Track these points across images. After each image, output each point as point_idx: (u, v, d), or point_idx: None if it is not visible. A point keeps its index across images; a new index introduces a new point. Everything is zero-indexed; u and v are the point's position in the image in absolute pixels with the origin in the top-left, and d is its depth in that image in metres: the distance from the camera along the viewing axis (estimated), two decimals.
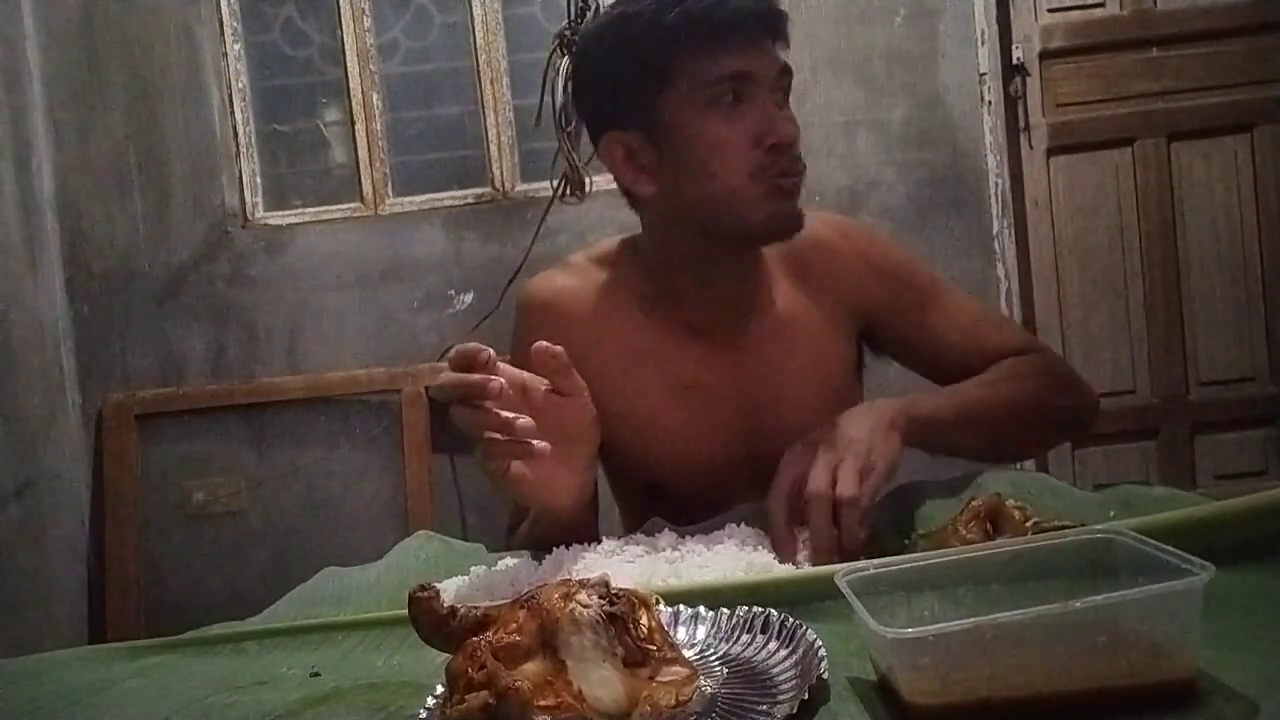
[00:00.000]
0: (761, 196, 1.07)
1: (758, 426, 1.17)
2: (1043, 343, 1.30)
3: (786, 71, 1.09)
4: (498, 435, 0.87)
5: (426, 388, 2.92)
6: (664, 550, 0.94)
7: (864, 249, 1.22)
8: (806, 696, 0.58)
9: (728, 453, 1.17)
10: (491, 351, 0.87)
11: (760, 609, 0.71)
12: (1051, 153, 3.05)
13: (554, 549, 0.97)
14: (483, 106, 3.03)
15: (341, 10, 3.03)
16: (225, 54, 3.01)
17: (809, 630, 0.66)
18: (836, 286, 1.19)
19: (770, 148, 1.06)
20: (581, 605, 0.60)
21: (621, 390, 1.17)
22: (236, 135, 3.02)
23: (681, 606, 0.74)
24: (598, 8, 2.47)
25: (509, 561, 0.97)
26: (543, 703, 0.55)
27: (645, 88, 1.09)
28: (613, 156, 1.13)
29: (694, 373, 1.17)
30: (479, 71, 3.03)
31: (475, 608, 0.63)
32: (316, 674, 0.78)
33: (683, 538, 0.97)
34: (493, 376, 0.86)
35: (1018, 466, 2.91)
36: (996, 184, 2.98)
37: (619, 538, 0.99)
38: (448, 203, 3.02)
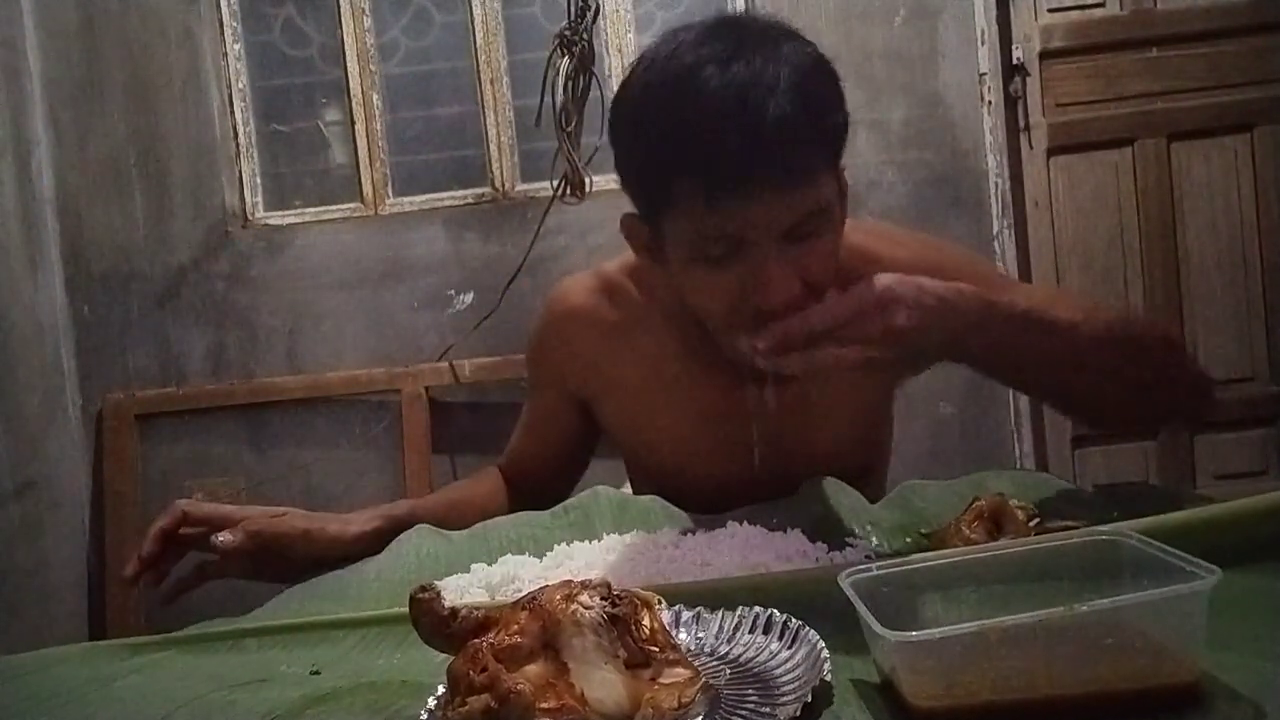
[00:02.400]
0: (740, 343, 0.93)
1: (781, 452, 1.11)
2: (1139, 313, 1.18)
3: (815, 214, 0.92)
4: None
5: (427, 388, 2.92)
6: (665, 549, 0.94)
7: (914, 252, 1.11)
8: (810, 698, 0.58)
9: (748, 474, 1.14)
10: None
11: (762, 609, 0.70)
12: (1051, 153, 3.05)
13: (554, 546, 0.97)
14: (483, 106, 3.03)
15: (341, 10, 3.03)
16: (225, 54, 3.00)
17: (811, 631, 0.66)
18: None
19: (757, 310, 0.92)
20: (583, 607, 0.59)
21: (641, 408, 1.17)
22: (236, 135, 3.02)
23: (682, 607, 0.74)
24: (598, 8, 2.47)
25: (510, 559, 0.97)
26: (545, 705, 0.55)
27: (649, 198, 0.98)
28: (625, 234, 1.06)
29: (718, 403, 1.12)
30: (479, 71, 3.03)
31: (476, 609, 0.62)
32: (316, 672, 0.78)
33: (684, 535, 0.97)
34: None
35: (1018, 466, 2.91)
36: (996, 184, 2.98)
37: (620, 535, 0.99)
38: (448, 203, 3.02)
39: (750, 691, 0.62)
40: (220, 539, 1.06)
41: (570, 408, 1.24)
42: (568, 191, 2.61)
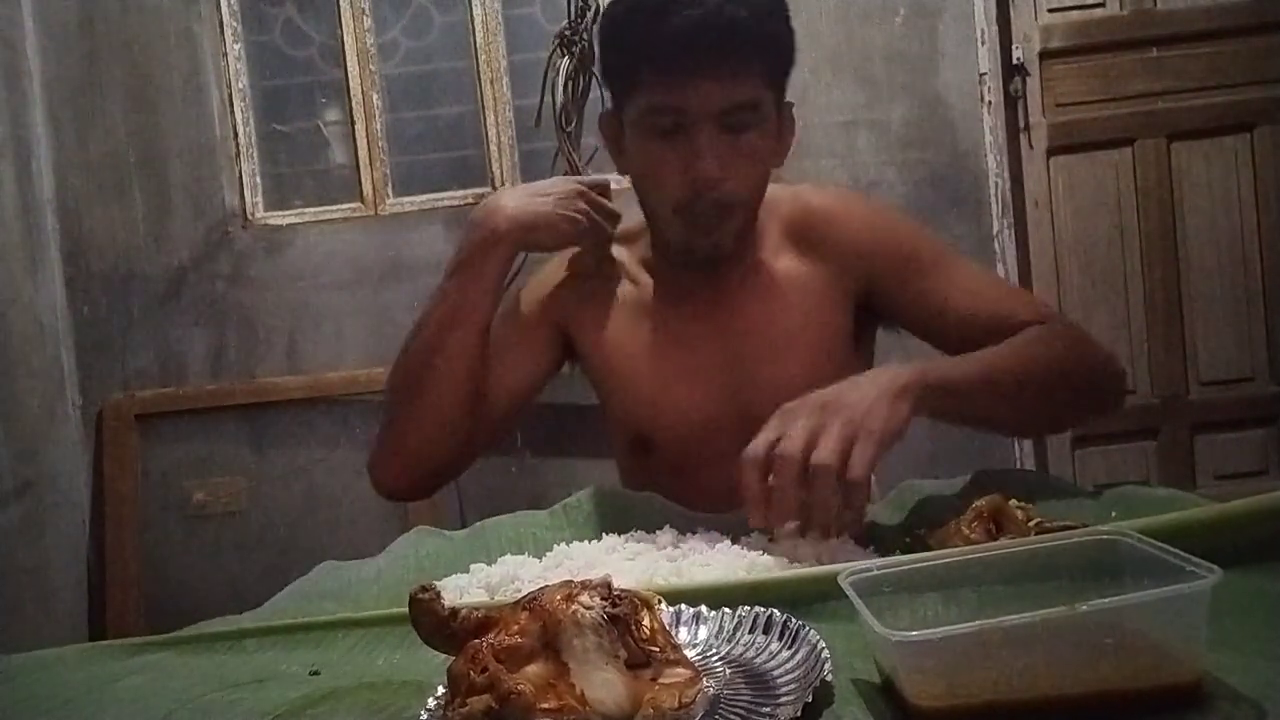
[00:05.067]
0: (681, 228, 1.14)
1: (744, 383, 1.19)
2: (1061, 314, 1.26)
3: (746, 106, 1.09)
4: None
5: None
6: (665, 549, 0.94)
7: (865, 217, 1.24)
8: (810, 698, 0.58)
9: (713, 408, 1.20)
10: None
11: (762, 609, 0.70)
12: (1051, 153, 3.05)
13: (554, 546, 0.97)
14: (483, 106, 3.03)
15: (341, 10, 3.03)
16: (225, 54, 3.00)
17: (812, 631, 0.66)
18: (836, 253, 1.21)
19: (693, 183, 1.09)
20: (584, 607, 0.59)
21: (613, 344, 1.24)
22: (236, 135, 3.02)
23: (683, 606, 0.74)
24: (598, 8, 2.47)
25: (509, 559, 0.97)
26: (545, 705, 0.55)
27: (617, 89, 1.17)
28: (603, 132, 1.23)
29: (680, 326, 1.22)
30: (479, 71, 3.03)
31: (476, 609, 0.62)
32: (316, 672, 0.78)
33: (684, 535, 0.96)
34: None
35: (1017, 465, 2.91)
36: (996, 184, 2.98)
37: (619, 535, 0.99)
38: (448, 203, 3.02)
39: (750, 691, 0.62)
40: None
41: (540, 339, 1.28)
42: None
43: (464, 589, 0.90)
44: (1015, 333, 1.13)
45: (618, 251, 1.28)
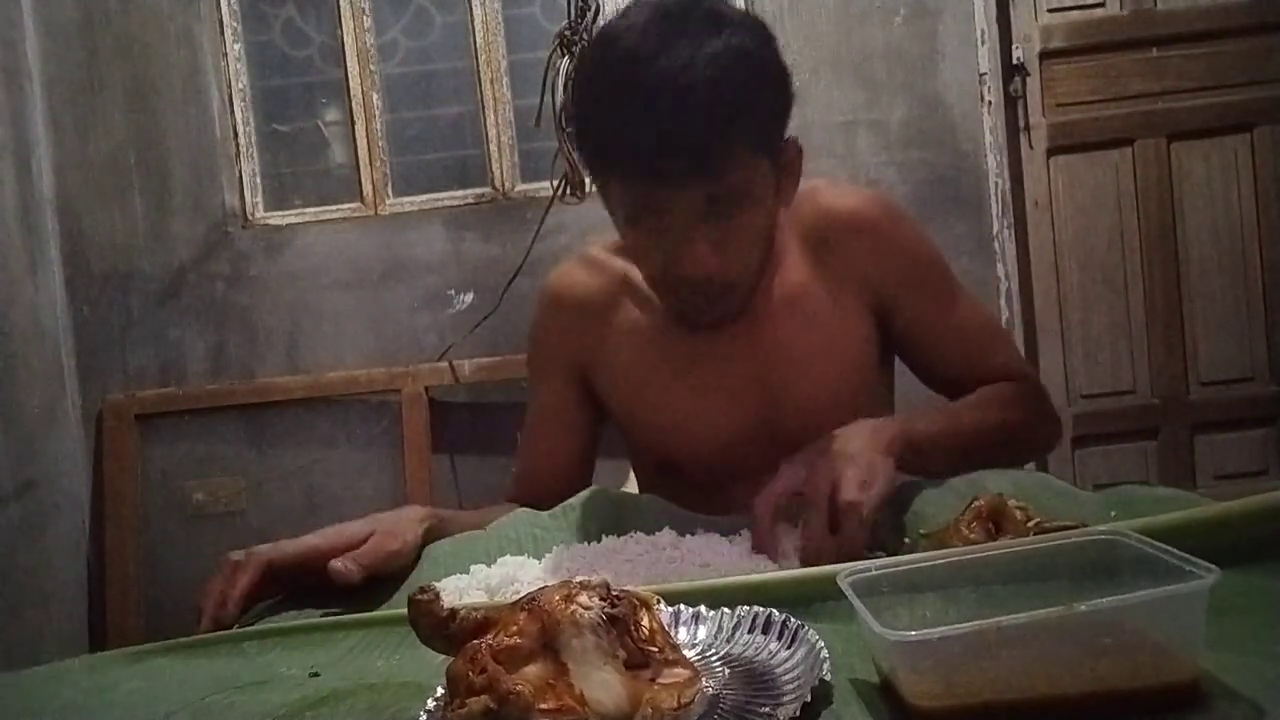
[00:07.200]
0: (676, 302, 1.12)
1: (770, 401, 1.17)
2: (1030, 370, 1.28)
3: (732, 193, 1.01)
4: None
5: (427, 388, 2.93)
6: (664, 550, 0.94)
7: (892, 231, 1.19)
8: (809, 698, 0.58)
9: (741, 428, 1.18)
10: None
11: (761, 609, 0.70)
12: (1051, 153, 3.05)
13: (553, 547, 0.97)
14: (483, 106, 3.03)
15: (341, 10, 3.03)
16: (225, 54, 3.00)
17: (811, 631, 0.66)
18: (856, 264, 1.17)
19: (680, 277, 1.05)
20: (583, 607, 0.59)
21: (632, 371, 1.20)
22: (236, 135, 3.02)
23: (682, 606, 0.74)
24: (598, 8, 2.47)
25: (509, 560, 0.97)
26: (544, 706, 0.55)
27: (592, 172, 1.11)
28: (595, 183, 1.15)
29: (702, 347, 1.18)
30: (479, 71, 3.03)
31: (475, 610, 0.62)
32: (316, 674, 0.78)
33: (683, 536, 0.97)
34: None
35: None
36: (996, 184, 2.97)
37: (619, 537, 0.99)
38: (448, 203, 3.02)
39: (749, 691, 0.62)
40: (345, 569, 0.95)
41: (574, 390, 1.26)
42: (568, 191, 2.61)
43: (463, 590, 0.90)
44: (986, 380, 1.16)
45: (632, 271, 1.22)
